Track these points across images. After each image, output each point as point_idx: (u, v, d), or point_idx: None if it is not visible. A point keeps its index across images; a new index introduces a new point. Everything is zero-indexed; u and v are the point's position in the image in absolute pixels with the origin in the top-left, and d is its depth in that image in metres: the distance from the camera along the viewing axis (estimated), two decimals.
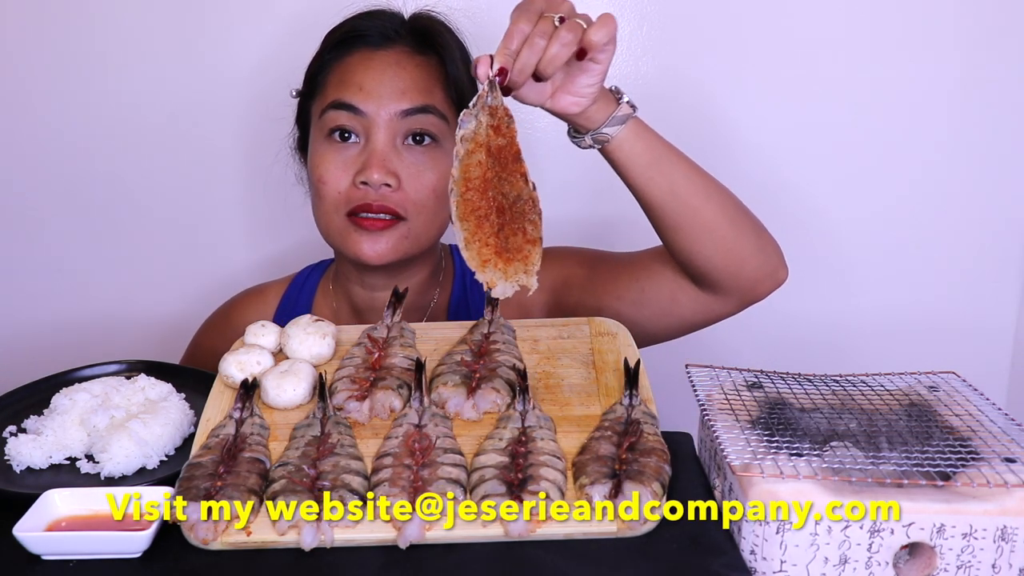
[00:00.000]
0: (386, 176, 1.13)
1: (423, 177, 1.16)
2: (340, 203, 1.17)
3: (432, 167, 1.16)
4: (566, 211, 1.58)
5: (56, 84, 1.63)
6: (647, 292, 1.15)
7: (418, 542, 0.78)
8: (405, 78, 1.16)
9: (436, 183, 1.16)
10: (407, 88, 1.15)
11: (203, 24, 1.60)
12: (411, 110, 1.15)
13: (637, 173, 1.03)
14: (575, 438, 0.89)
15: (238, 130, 1.65)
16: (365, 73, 1.16)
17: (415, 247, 1.19)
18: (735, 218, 1.07)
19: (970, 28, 1.57)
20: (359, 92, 1.15)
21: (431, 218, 1.18)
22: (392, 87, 1.15)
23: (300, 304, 1.33)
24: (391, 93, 1.15)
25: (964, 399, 0.91)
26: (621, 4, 1.58)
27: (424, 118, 1.15)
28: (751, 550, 0.78)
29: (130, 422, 0.92)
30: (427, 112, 1.15)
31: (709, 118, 1.61)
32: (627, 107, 1.02)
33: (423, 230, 1.18)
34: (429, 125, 1.16)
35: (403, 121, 1.15)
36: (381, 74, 1.16)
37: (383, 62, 1.17)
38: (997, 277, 1.68)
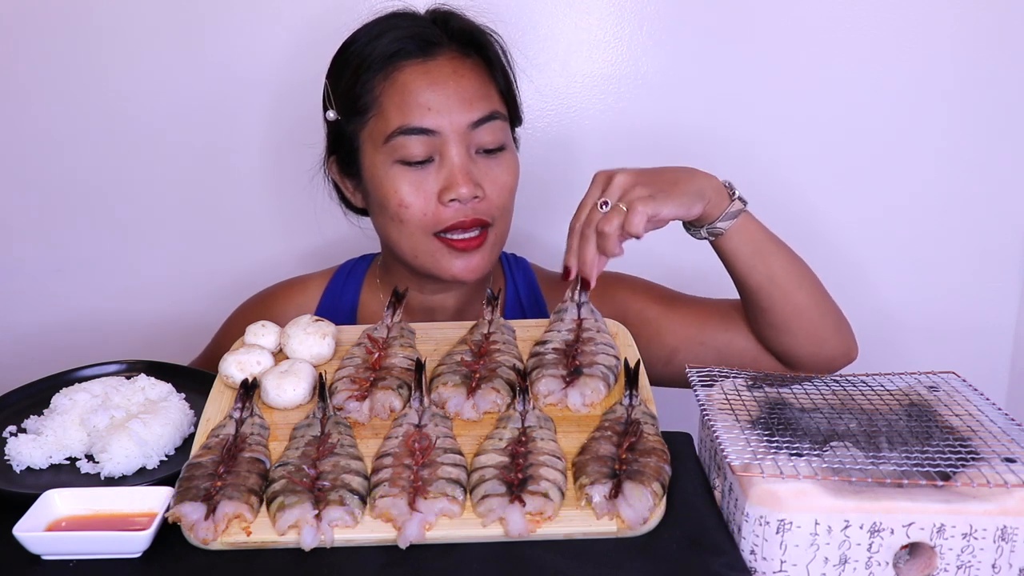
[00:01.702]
0: (474, 189, 1.12)
1: (501, 181, 1.15)
2: (428, 225, 1.14)
3: (506, 169, 1.16)
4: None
5: (61, 84, 1.63)
6: (734, 345, 1.18)
7: (418, 542, 0.78)
8: (467, 87, 1.13)
9: (512, 183, 1.17)
10: (472, 97, 1.13)
11: (218, 22, 1.60)
12: (480, 120, 1.13)
13: (742, 262, 1.09)
14: (575, 438, 0.89)
15: (239, 132, 1.65)
16: (427, 90, 1.12)
17: (499, 252, 1.21)
18: (821, 303, 1.13)
19: (971, 29, 1.57)
20: (427, 112, 1.11)
21: (508, 220, 1.20)
22: (458, 99, 1.12)
23: (345, 298, 1.31)
24: (458, 105, 1.12)
25: (964, 399, 0.91)
26: (621, 4, 1.58)
27: (491, 125, 1.14)
28: (751, 550, 0.78)
29: (130, 422, 0.92)
30: (493, 119, 1.14)
31: (709, 119, 1.62)
32: (739, 203, 1.10)
33: (504, 232, 1.19)
34: (496, 131, 1.15)
35: (474, 132, 1.13)
36: (443, 87, 1.12)
37: (439, 73, 1.13)
38: (997, 277, 1.68)
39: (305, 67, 1.58)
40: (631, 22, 1.59)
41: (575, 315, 1.04)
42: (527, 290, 1.31)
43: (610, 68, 1.61)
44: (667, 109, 1.62)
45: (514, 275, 1.33)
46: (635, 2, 1.58)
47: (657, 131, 1.63)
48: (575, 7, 1.58)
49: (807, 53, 1.59)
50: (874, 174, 1.63)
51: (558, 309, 1.06)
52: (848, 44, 1.58)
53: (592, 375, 0.94)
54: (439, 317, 1.27)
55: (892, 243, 1.66)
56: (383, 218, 1.18)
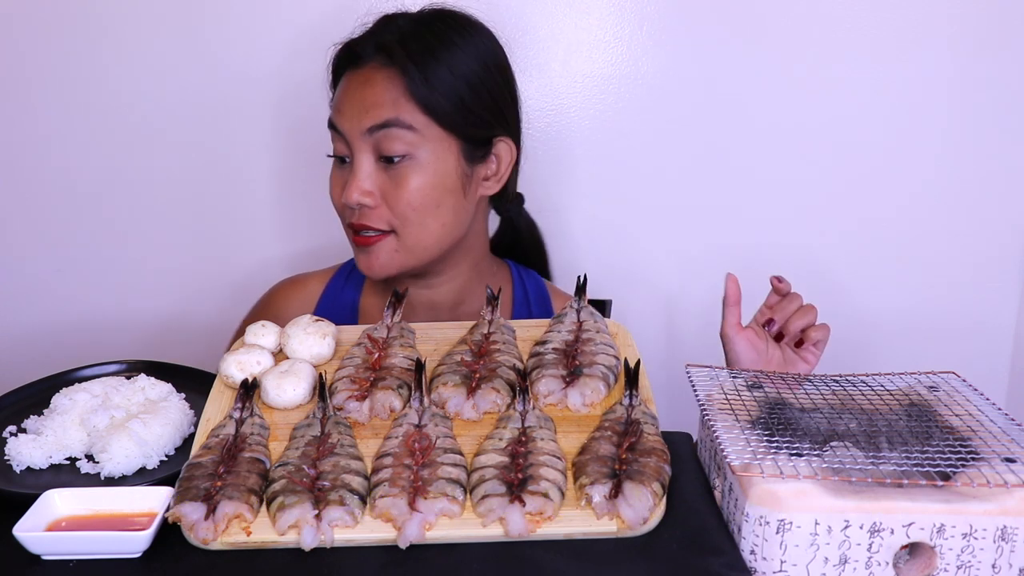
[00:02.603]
0: (362, 197, 1.16)
1: (398, 191, 1.16)
2: (343, 216, 1.22)
3: (407, 180, 1.16)
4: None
5: (61, 83, 1.63)
6: None
7: (418, 542, 0.78)
8: (368, 94, 1.16)
9: (412, 196, 1.16)
10: (371, 104, 1.15)
11: (219, 21, 1.60)
12: (374, 127, 1.15)
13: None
14: (575, 438, 0.89)
15: (239, 132, 1.65)
16: (342, 95, 1.19)
17: (413, 258, 1.20)
18: None
19: (971, 29, 1.57)
20: (339, 114, 1.18)
21: (418, 230, 1.18)
22: (359, 105, 1.16)
23: (345, 296, 1.34)
24: (358, 112, 1.16)
25: (964, 399, 0.91)
26: (621, 4, 1.58)
27: (387, 133, 1.15)
28: (751, 550, 0.78)
29: (130, 422, 0.92)
30: (388, 127, 1.15)
31: (709, 118, 1.61)
32: None
33: (415, 242, 1.19)
34: (395, 139, 1.15)
35: (372, 138, 1.15)
36: (351, 94, 1.18)
37: (355, 80, 1.18)
38: (997, 277, 1.68)
39: (306, 67, 1.58)
40: (631, 22, 1.59)
41: (575, 318, 1.04)
42: (536, 293, 1.32)
43: (610, 68, 1.60)
44: (667, 109, 1.62)
45: (523, 280, 1.34)
46: (635, 2, 1.58)
47: (657, 131, 1.63)
48: (575, 7, 1.58)
49: (807, 53, 1.58)
50: (874, 174, 1.63)
51: (558, 314, 1.07)
52: (848, 44, 1.58)
53: (592, 375, 0.94)
54: (441, 313, 1.27)
55: (892, 243, 1.66)
56: None
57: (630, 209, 1.67)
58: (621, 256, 1.67)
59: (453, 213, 1.19)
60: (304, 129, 1.65)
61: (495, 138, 1.21)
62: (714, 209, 1.65)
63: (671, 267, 1.69)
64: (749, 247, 1.67)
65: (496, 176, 1.24)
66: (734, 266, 1.69)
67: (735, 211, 1.65)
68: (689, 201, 1.65)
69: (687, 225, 1.67)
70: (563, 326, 1.03)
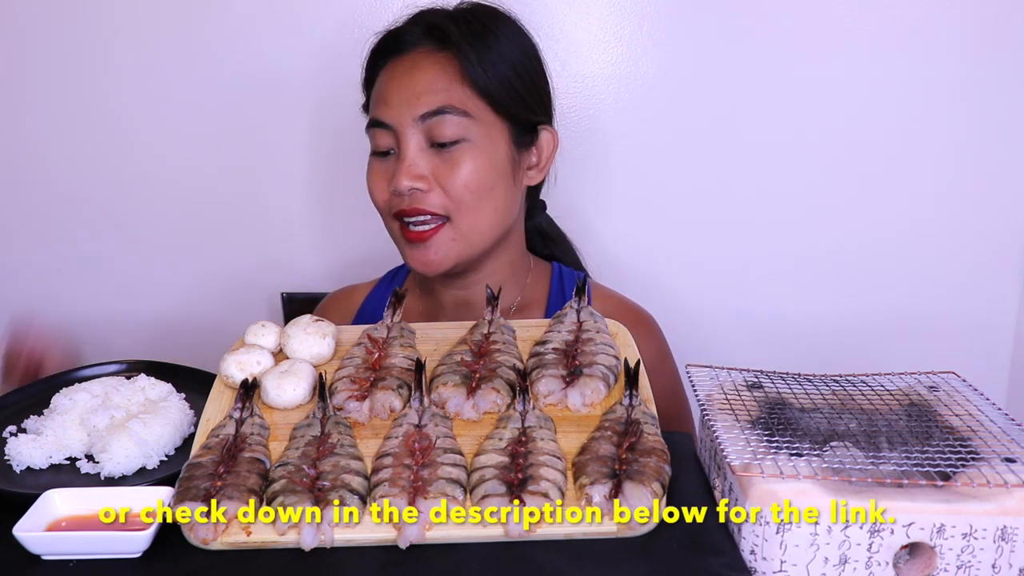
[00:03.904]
0: (413, 181, 1.14)
1: (454, 174, 1.15)
2: (387, 210, 1.19)
3: (459, 164, 1.15)
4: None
5: (64, 83, 1.63)
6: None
7: (418, 542, 0.78)
8: (419, 81, 1.15)
9: (468, 179, 1.15)
10: (422, 91, 1.14)
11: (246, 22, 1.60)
12: (427, 114, 1.14)
13: None
14: (575, 438, 0.89)
15: (238, 132, 1.65)
16: (387, 85, 1.17)
17: (468, 248, 1.19)
18: None
19: (971, 29, 1.57)
20: (385, 107, 1.16)
21: (474, 215, 1.17)
22: (409, 93, 1.14)
23: (386, 302, 1.33)
24: (407, 100, 1.14)
25: (964, 399, 0.91)
26: (621, 4, 1.58)
27: (441, 119, 1.14)
28: (751, 550, 0.78)
29: (130, 422, 0.92)
30: (443, 113, 1.14)
31: (709, 119, 1.62)
32: None
33: (469, 228, 1.17)
34: (449, 125, 1.14)
35: (424, 125, 1.14)
36: (398, 82, 1.16)
37: (400, 69, 1.17)
38: (997, 277, 1.68)
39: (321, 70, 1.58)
40: (631, 22, 1.59)
41: (575, 318, 1.04)
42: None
43: (610, 68, 1.61)
44: (667, 109, 1.62)
45: (563, 280, 1.33)
46: (635, 2, 1.58)
47: (657, 131, 1.63)
48: (575, 7, 1.58)
49: (807, 53, 1.59)
50: (874, 174, 1.63)
51: (558, 314, 1.06)
52: (848, 44, 1.58)
53: (592, 375, 0.94)
54: (472, 313, 1.26)
55: (892, 243, 1.66)
56: None
57: (630, 209, 1.67)
58: (620, 256, 1.67)
59: (504, 198, 1.19)
60: (305, 131, 1.65)
61: (540, 126, 1.22)
62: (713, 209, 1.66)
63: (671, 267, 1.69)
64: (749, 247, 1.68)
65: (539, 166, 1.24)
66: (733, 265, 1.69)
67: (734, 211, 1.66)
68: (688, 201, 1.65)
69: (686, 225, 1.67)
70: (563, 326, 1.03)
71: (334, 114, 1.58)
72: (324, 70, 1.60)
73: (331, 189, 1.66)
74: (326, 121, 1.62)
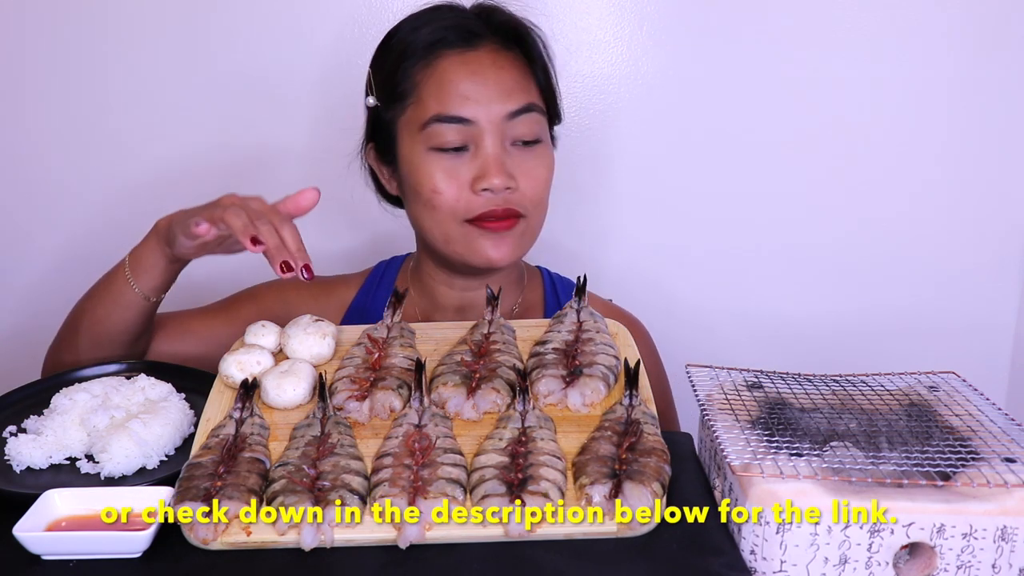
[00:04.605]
0: (507, 180, 1.13)
1: (535, 174, 1.16)
2: (459, 212, 1.15)
3: (540, 163, 1.16)
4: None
5: (65, 81, 1.63)
6: None
7: (418, 542, 0.78)
8: (506, 78, 1.14)
9: (547, 177, 1.17)
10: (510, 89, 1.14)
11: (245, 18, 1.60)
12: (516, 111, 1.13)
13: None
14: (575, 438, 0.89)
15: (237, 133, 1.65)
16: (466, 80, 1.13)
17: (531, 243, 1.21)
18: None
19: (971, 29, 1.57)
20: (465, 102, 1.12)
21: (542, 213, 1.20)
22: (496, 90, 1.13)
23: (379, 300, 1.31)
24: (496, 96, 1.13)
25: (964, 399, 0.91)
26: (621, 4, 1.58)
27: (528, 117, 1.14)
28: (751, 550, 0.78)
29: (130, 422, 0.92)
30: (530, 111, 1.15)
31: (709, 119, 1.62)
32: None
33: (537, 225, 1.20)
34: (532, 124, 1.15)
35: (510, 123, 1.14)
36: (482, 77, 1.13)
37: (479, 64, 1.14)
38: (997, 277, 1.68)
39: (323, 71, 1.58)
40: (631, 22, 1.59)
41: (575, 318, 1.04)
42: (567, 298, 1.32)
43: (610, 68, 1.61)
44: (667, 109, 1.62)
45: (556, 287, 1.33)
46: (635, 2, 1.58)
47: (657, 131, 1.63)
48: (575, 7, 1.58)
49: (807, 53, 1.59)
50: (874, 174, 1.63)
51: (558, 314, 1.07)
52: (848, 44, 1.58)
53: (592, 375, 0.94)
54: (472, 315, 1.26)
55: (891, 243, 1.66)
56: (416, 205, 1.19)
57: (630, 209, 1.67)
58: (620, 255, 1.67)
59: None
60: (303, 131, 1.65)
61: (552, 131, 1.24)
62: (713, 209, 1.66)
63: (671, 266, 1.69)
64: (749, 247, 1.68)
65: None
66: (733, 265, 1.69)
67: (733, 211, 1.66)
68: (688, 201, 1.66)
69: (686, 224, 1.67)
70: (563, 326, 1.03)
71: (333, 115, 1.58)
72: (326, 71, 1.59)
73: (328, 188, 1.65)
74: (324, 122, 1.62)
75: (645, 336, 1.30)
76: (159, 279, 1.11)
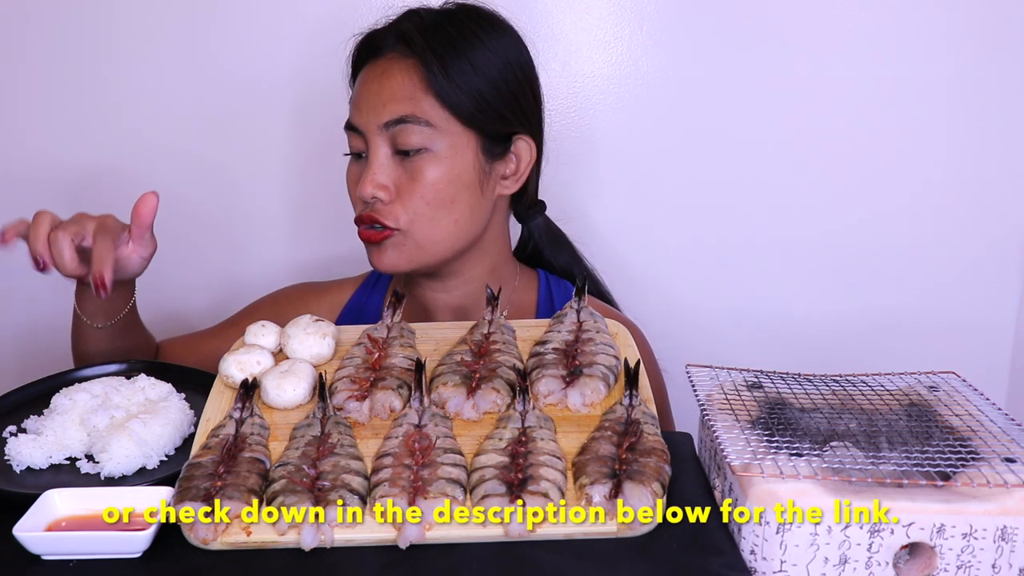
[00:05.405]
0: (376, 191, 1.15)
1: (413, 185, 1.15)
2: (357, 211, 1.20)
3: (422, 174, 1.15)
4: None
5: (65, 82, 1.63)
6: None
7: (418, 542, 0.78)
8: (386, 88, 1.15)
9: (425, 190, 1.15)
10: (387, 98, 1.14)
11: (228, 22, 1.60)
12: (391, 122, 1.14)
13: None
14: (575, 438, 0.89)
15: (237, 133, 1.65)
16: (360, 89, 1.18)
17: (425, 255, 1.19)
18: None
19: (971, 28, 1.57)
20: (356, 110, 1.17)
21: (430, 225, 1.17)
22: (376, 99, 1.15)
23: (372, 303, 1.33)
24: (374, 106, 1.15)
25: (964, 399, 0.91)
26: (621, 4, 1.58)
27: (405, 128, 1.14)
28: (751, 550, 0.78)
29: (130, 422, 0.92)
30: (406, 122, 1.14)
31: (710, 119, 1.62)
32: None
33: (425, 237, 1.17)
34: (412, 134, 1.14)
35: (389, 132, 1.15)
36: (368, 87, 1.17)
37: (372, 74, 1.17)
38: (997, 276, 1.68)
39: (303, 68, 1.58)
40: (631, 22, 1.59)
41: (575, 318, 1.04)
42: (563, 301, 1.31)
43: (610, 68, 1.61)
44: (667, 109, 1.62)
45: (551, 289, 1.32)
46: (635, 2, 1.58)
47: (657, 131, 1.63)
48: (575, 7, 1.58)
49: (807, 53, 1.59)
50: (874, 173, 1.63)
51: (558, 314, 1.07)
52: (848, 43, 1.58)
53: (592, 375, 0.94)
54: (463, 318, 1.26)
55: (891, 242, 1.66)
56: None
57: (630, 209, 1.67)
58: (620, 255, 1.67)
59: (469, 210, 1.18)
60: (287, 129, 1.65)
61: (514, 136, 1.21)
62: (712, 209, 1.65)
63: (671, 266, 1.69)
64: (748, 247, 1.68)
65: (515, 175, 1.22)
66: (733, 265, 1.69)
67: (734, 211, 1.66)
68: (688, 201, 1.65)
69: (687, 225, 1.67)
70: (563, 326, 1.03)
71: (315, 113, 1.58)
72: (305, 69, 1.59)
73: (312, 187, 1.66)
74: (307, 120, 1.62)
75: (642, 341, 1.29)
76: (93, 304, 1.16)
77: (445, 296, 1.27)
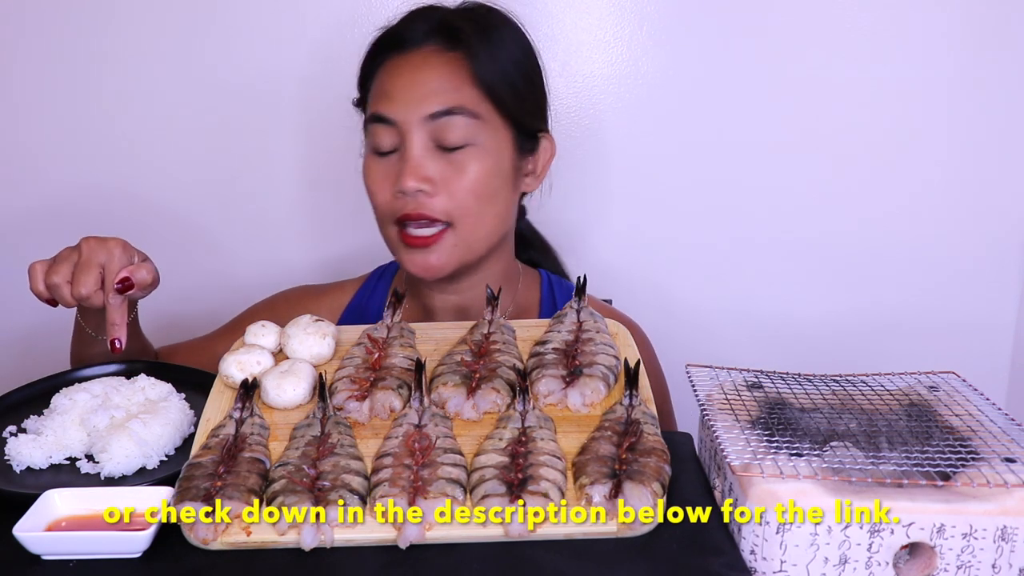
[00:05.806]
0: (420, 183, 1.11)
1: (460, 179, 1.12)
2: (388, 213, 1.16)
3: (463, 169, 1.13)
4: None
5: (66, 81, 1.63)
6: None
7: (418, 542, 0.78)
8: (431, 79, 1.13)
9: (473, 184, 1.13)
10: (432, 90, 1.12)
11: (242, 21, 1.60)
12: (437, 113, 1.11)
13: None
14: (575, 438, 0.89)
15: (235, 135, 1.65)
16: (394, 80, 1.14)
17: (468, 254, 1.17)
18: None
19: (971, 28, 1.57)
20: (389, 102, 1.13)
21: (476, 220, 1.15)
22: (418, 91, 1.12)
23: (373, 304, 1.32)
24: (417, 97, 1.12)
25: (964, 399, 0.91)
26: (621, 4, 1.58)
27: (451, 120, 1.12)
28: (751, 550, 0.78)
29: (130, 422, 0.92)
30: (453, 114, 1.12)
31: (710, 119, 1.62)
32: None
33: (471, 234, 1.15)
34: (457, 127, 1.12)
35: (432, 125, 1.12)
36: (407, 79, 1.13)
37: (409, 65, 1.14)
38: (997, 276, 1.68)
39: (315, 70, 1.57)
40: (631, 22, 1.59)
41: (575, 318, 1.04)
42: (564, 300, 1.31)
43: (610, 68, 1.61)
44: (667, 109, 1.62)
45: (554, 289, 1.32)
46: (635, 2, 1.58)
47: (657, 131, 1.63)
48: (575, 7, 1.58)
49: (807, 53, 1.59)
50: (874, 173, 1.63)
51: (558, 314, 1.06)
52: (848, 44, 1.58)
53: (592, 375, 0.94)
54: (464, 318, 1.26)
55: (891, 242, 1.66)
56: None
57: (630, 209, 1.67)
58: (620, 256, 1.67)
59: (505, 205, 1.18)
60: (298, 130, 1.65)
61: (539, 132, 1.21)
62: (712, 209, 1.66)
63: (671, 267, 1.69)
64: (748, 247, 1.68)
65: (535, 173, 1.22)
66: (733, 265, 1.69)
67: (733, 211, 1.66)
68: (688, 201, 1.66)
69: (687, 225, 1.67)
70: (563, 326, 1.03)
71: (327, 114, 1.58)
72: (318, 70, 1.59)
73: (325, 187, 1.66)
74: (319, 120, 1.62)
75: (644, 340, 1.29)
76: (97, 317, 1.13)
77: (452, 298, 1.26)
